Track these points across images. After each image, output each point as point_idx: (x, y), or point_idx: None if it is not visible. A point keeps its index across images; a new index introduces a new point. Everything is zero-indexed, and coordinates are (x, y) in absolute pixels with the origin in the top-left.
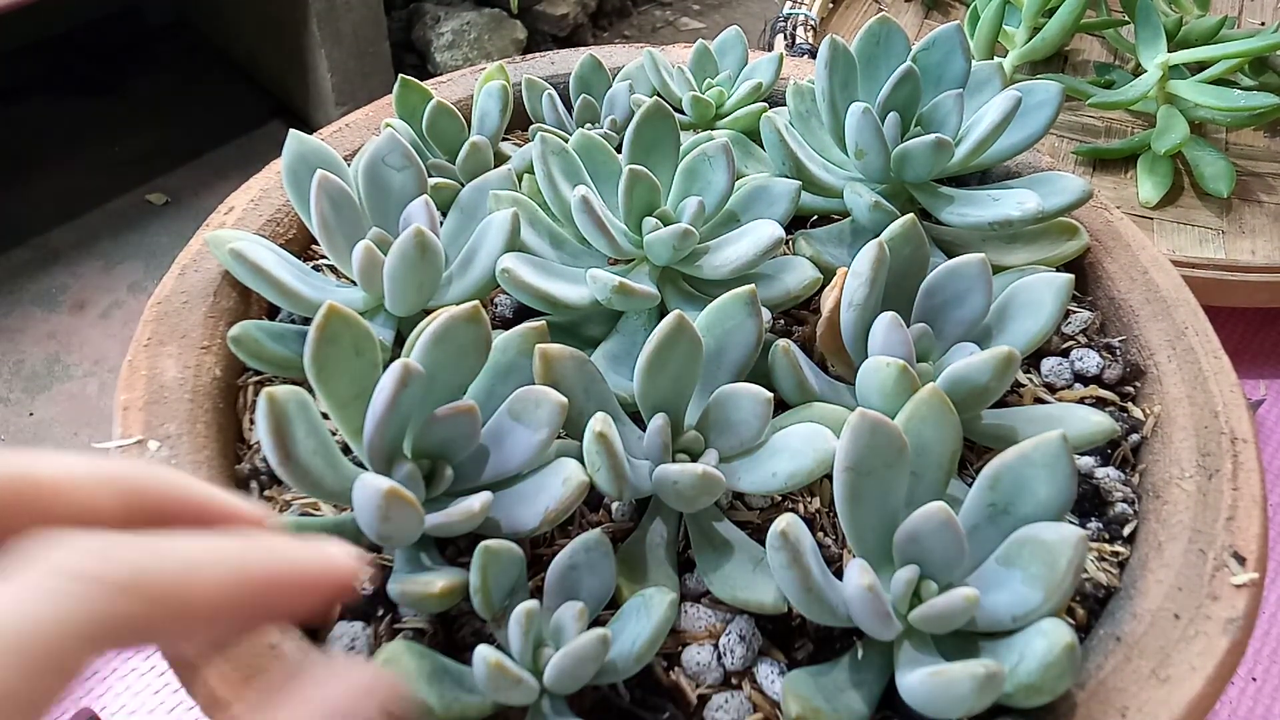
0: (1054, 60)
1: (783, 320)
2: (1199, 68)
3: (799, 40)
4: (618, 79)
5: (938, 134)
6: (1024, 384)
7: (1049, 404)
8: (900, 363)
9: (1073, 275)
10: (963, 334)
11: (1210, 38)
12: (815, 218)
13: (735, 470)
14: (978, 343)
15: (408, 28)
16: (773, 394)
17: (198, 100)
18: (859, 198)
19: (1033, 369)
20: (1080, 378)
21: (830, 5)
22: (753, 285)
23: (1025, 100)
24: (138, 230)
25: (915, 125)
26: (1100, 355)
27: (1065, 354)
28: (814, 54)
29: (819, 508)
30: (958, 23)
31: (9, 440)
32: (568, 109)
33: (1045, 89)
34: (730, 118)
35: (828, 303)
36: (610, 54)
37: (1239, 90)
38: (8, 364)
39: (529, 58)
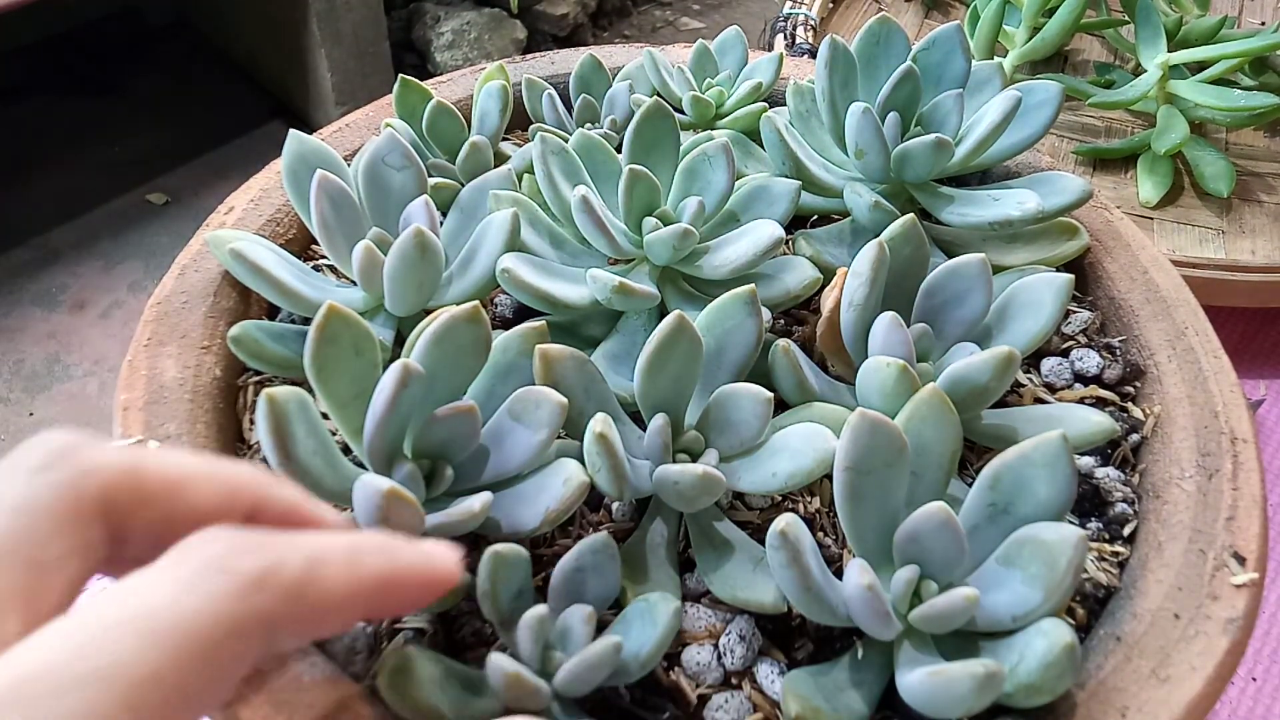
0: (1054, 60)
1: (783, 320)
2: (1199, 68)
3: (799, 40)
4: (618, 79)
5: (938, 134)
6: (1024, 384)
7: (1049, 404)
8: (900, 363)
9: (1073, 275)
10: (963, 334)
11: (1210, 38)
12: (815, 217)
13: (735, 470)
14: (978, 343)
15: (408, 28)
16: (773, 394)
17: (198, 100)
18: (859, 198)
19: (1033, 369)
20: (1080, 378)
21: (830, 5)
22: (753, 285)
23: (1025, 100)
24: (138, 230)
25: (915, 125)
26: (1100, 355)
27: (1065, 354)
28: (814, 54)
29: (819, 508)
30: (958, 23)
31: (9, 440)
32: (568, 109)
33: (1045, 89)
34: (730, 118)
35: (828, 303)
36: (610, 54)
37: (1239, 90)
38: (8, 364)
39: (529, 57)
